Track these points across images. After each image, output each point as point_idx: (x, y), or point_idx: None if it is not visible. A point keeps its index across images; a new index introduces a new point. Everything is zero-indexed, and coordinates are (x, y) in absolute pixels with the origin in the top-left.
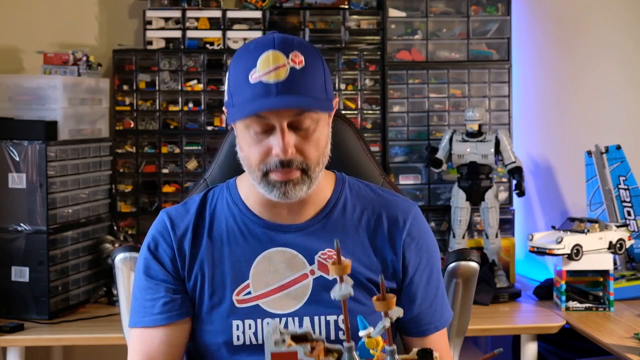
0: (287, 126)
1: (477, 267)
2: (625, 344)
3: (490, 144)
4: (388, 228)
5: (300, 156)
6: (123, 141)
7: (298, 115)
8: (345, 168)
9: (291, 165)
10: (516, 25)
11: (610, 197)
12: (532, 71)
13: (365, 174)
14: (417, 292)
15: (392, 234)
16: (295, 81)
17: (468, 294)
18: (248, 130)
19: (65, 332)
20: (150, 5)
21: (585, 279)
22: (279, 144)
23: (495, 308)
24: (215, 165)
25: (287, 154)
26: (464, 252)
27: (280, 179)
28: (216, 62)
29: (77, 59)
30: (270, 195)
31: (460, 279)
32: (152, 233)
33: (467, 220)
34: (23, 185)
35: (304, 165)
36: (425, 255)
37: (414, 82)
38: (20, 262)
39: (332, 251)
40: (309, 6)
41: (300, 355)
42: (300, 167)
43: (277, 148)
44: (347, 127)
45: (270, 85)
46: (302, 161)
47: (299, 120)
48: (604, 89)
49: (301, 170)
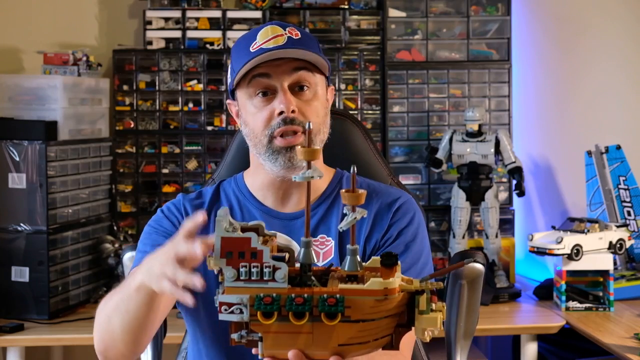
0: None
1: (482, 268)
2: (625, 344)
3: (490, 144)
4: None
5: (302, 117)
6: (123, 141)
7: (297, 71)
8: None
9: (294, 122)
10: (516, 25)
11: (610, 197)
12: (532, 71)
13: (374, 173)
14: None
15: (382, 217)
16: (294, 44)
17: (474, 296)
18: (251, 99)
19: (65, 332)
20: (150, 5)
21: (585, 279)
22: (281, 101)
23: (495, 308)
24: (223, 165)
25: (290, 109)
26: (468, 253)
27: (285, 144)
28: (216, 62)
29: (77, 59)
30: (276, 165)
31: (465, 280)
32: (167, 205)
33: (467, 220)
34: (23, 185)
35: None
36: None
37: (414, 82)
38: (20, 262)
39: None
40: (309, 6)
41: (254, 243)
42: (303, 127)
43: (280, 106)
44: (355, 127)
45: (270, 48)
46: (303, 121)
47: (298, 80)
48: (603, 89)
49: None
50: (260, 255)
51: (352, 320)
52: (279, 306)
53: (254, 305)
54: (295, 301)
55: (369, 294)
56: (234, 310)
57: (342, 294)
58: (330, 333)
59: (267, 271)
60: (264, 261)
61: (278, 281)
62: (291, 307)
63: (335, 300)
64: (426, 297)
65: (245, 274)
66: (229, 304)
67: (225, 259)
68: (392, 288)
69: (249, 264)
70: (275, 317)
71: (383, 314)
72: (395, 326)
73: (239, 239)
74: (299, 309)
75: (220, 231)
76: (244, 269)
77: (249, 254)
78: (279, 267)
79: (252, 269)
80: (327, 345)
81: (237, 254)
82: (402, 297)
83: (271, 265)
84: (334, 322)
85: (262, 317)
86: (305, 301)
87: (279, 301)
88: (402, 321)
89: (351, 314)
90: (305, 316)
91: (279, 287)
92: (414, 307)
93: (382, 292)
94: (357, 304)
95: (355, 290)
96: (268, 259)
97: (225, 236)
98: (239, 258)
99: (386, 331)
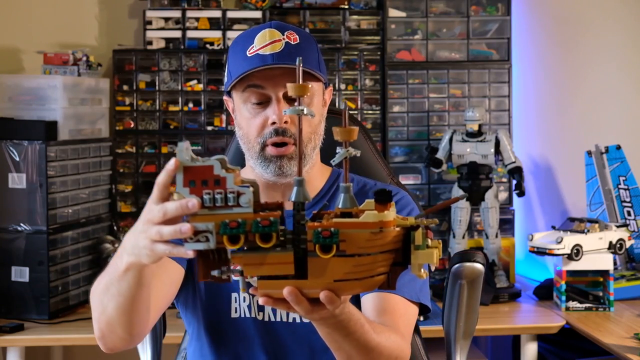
0: (282, 97)
1: (482, 268)
2: (625, 344)
3: (490, 144)
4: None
5: (295, 128)
6: (123, 141)
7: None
8: (353, 167)
9: (286, 134)
10: (516, 25)
11: (610, 197)
12: (532, 71)
13: (374, 174)
14: None
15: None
16: (291, 53)
17: (473, 296)
18: (245, 104)
19: (65, 332)
20: (150, 5)
21: (585, 279)
22: (274, 112)
23: (495, 308)
24: None
25: (282, 121)
26: (468, 253)
27: (276, 153)
28: (216, 62)
29: (77, 59)
30: (267, 172)
31: (465, 280)
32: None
33: (467, 220)
34: (23, 185)
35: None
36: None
37: (414, 82)
38: (20, 262)
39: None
40: (309, 6)
41: (217, 170)
42: (294, 138)
43: (273, 116)
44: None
45: (266, 55)
46: (295, 132)
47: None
48: (604, 89)
49: (295, 144)
50: (223, 181)
51: (347, 254)
52: (245, 230)
53: (219, 232)
54: (262, 224)
55: (364, 227)
56: (200, 239)
57: (337, 227)
58: (325, 267)
59: (232, 197)
60: (227, 187)
61: (243, 206)
62: (257, 229)
63: (330, 233)
64: (422, 232)
65: (210, 201)
66: (194, 232)
67: (188, 188)
68: (388, 221)
69: (212, 191)
70: (242, 241)
71: (378, 249)
72: (391, 265)
73: (201, 167)
74: (265, 230)
75: (183, 160)
76: (208, 196)
77: (212, 182)
78: (243, 192)
79: (216, 196)
80: (322, 280)
81: (200, 182)
82: (398, 233)
83: (235, 191)
84: (329, 255)
85: (228, 242)
86: (271, 223)
87: (245, 225)
88: (397, 260)
89: (346, 248)
90: (273, 238)
91: (244, 211)
92: (409, 245)
93: (378, 224)
94: (352, 237)
95: (350, 223)
96: (232, 185)
97: (188, 165)
98: (202, 186)
99: (382, 268)
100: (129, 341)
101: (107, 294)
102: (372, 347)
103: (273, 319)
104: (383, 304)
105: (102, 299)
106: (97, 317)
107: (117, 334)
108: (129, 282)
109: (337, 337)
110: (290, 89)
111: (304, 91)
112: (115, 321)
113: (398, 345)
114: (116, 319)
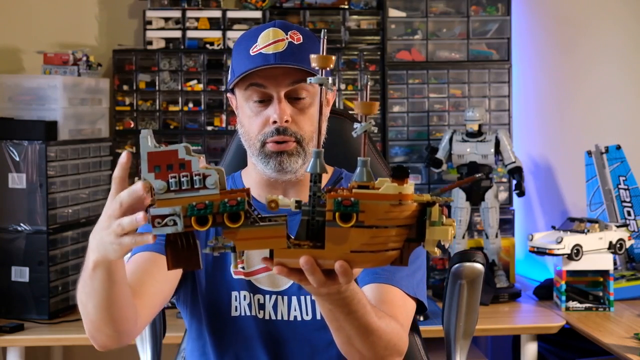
0: (284, 97)
1: (482, 268)
2: (625, 344)
3: (490, 144)
4: None
5: (296, 127)
6: (123, 141)
7: (294, 84)
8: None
9: (286, 133)
10: (516, 25)
11: (610, 197)
12: (532, 71)
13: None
14: None
15: None
16: (294, 53)
17: (473, 296)
18: (248, 102)
19: (65, 332)
20: (150, 5)
21: (585, 279)
22: (275, 111)
23: (495, 308)
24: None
25: (283, 120)
26: (468, 253)
27: (276, 149)
28: (216, 62)
29: (77, 59)
30: (268, 168)
31: (465, 280)
32: None
33: (467, 220)
34: (23, 185)
35: (299, 136)
36: None
37: (414, 82)
38: (20, 262)
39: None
40: (309, 6)
41: (182, 154)
42: (295, 137)
43: (274, 115)
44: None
45: (269, 55)
46: (296, 131)
47: (296, 90)
48: (604, 89)
49: (296, 141)
50: (188, 165)
51: (365, 225)
52: (213, 211)
53: (187, 214)
54: (229, 203)
55: (384, 199)
56: (167, 222)
57: (357, 197)
58: (343, 237)
59: (197, 179)
60: (193, 170)
61: (209, 188)
62: (225, 208)
63: (351, 202)
64: (438, 209)
65: (176, 184)
66: (161, 216)
67: (153, 173)
68: (407, 194)
69: (178, 174)
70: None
71: (396, 222)
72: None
73: (165, 152)
74: (233, 209)
75: (146, 147)
76: (174, 179)
77: (177, 166)
78: (208, 174)
79: (182, 179)
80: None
81: (165, 166)
82: (415, 207)
83: (201, 173)
84: (349, 224)
85: (196, 224)
86: (238, 203)
87: (212, 207)
88: (411, 236)
89: (365, 219)
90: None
91: (211, 193)
92: (423, 222)
93: (397, 196)
94: (371, 208)
95: (370, 194)
96: (197, 168)
97: (152, 151)
98: (168, 170)
99: (396, 243)
100: (117, 339)
101: (84, 294)
102: (372, 329)
103: (274, 317)
104: (382, 294)
105: (81, 299)
106: (83, 317)
107: (103, 332)
108: (100, 279)
109: (338, 315)
110: (314, 60)
111: (327, 63)
112: (97, 319)
113: (397, 333)
114: (97, 317)
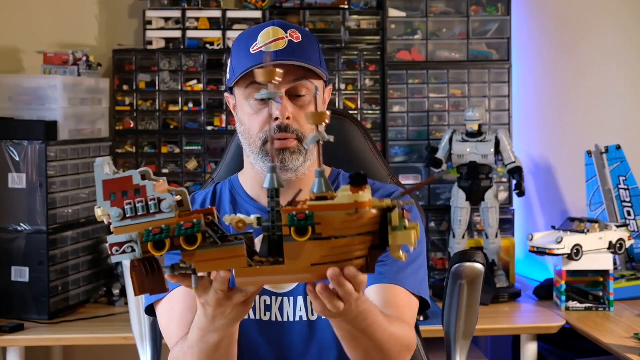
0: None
1: (482, 268)
2: (625, 344)
3: (490, 144)
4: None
5: (297, 124)
6: (123, 141)
7: (295, 81)
8: (353, 168)
9: (288, 130)
10: (516, 25)
11: (610, 197)
12: (532, 71)
13: (373, 174)
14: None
15: None
16: (294, 50)
17: (473, 296)
18: (248, 100)
19: (65, 332)
20: (150, 5)
21: (585, 279)
22: (277, 107)
23: (495, 308)
24: (222, 165)
25: (285, 117)
26: (468, 253)
27: (277, 146)
28: (216, 62)
29: (77, 59)
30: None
31: (465, 280)
32: None
33: (467, 220)
34: (23, 185)
35: (300, 133)
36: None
37: (414, 82)
38: (20, 262)
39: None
40: (309, 6)
41: (136, 180)
42: (296, 134)
43: (276, 112)
44: (355, 127)
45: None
46: (297, 129)
47: (296, 88)
48: (603, 89)
49: (297, 139)
50: (143, 190)
51: (323, 237)
52: (169, 235)
53: (143, 240)
54: (184, 226)
55: (339, 208)
56: (126, 249)
57: (312, 210)
58: (301, 251)
59: (153, 204)
60: (148, 195)
61: (165, 212)
62: (180, 232)
63: (305, 216)
64: (398, 213)
65: (131, 211)
66: (119, 244)
67: (109, 201)
68: (363, 201)
69: (133, 200)
70: (168, 246)
71: (355, 231)
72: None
73: (119, 179)
74: (188, 232)
75: (101, 175)
76: (129, 206)
77: (132, 192)
78: (163, 199)
79: (137, 205)
80: (298, 265)
81: (121, 193)
82: (374, 214)
83: (155, 197)
84: (305, 238)
85: (154, 249)
86: (193, 225)
87: (169, 231)
88: (375, 243)
89: (322, 231)
90: (198, 240)
91: (167, 217)
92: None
93: (353, 205)
94: (328, 219)
95: (325, 205)
96: (152, 193)
97: (106, 179)
98: (123, 197)
99: (360, 252)
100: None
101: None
102: (387, 338)
103: (280, 319)
104: (387, 296)
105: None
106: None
107: None
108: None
109: (356, 334)
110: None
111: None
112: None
113: (408, 334)
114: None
